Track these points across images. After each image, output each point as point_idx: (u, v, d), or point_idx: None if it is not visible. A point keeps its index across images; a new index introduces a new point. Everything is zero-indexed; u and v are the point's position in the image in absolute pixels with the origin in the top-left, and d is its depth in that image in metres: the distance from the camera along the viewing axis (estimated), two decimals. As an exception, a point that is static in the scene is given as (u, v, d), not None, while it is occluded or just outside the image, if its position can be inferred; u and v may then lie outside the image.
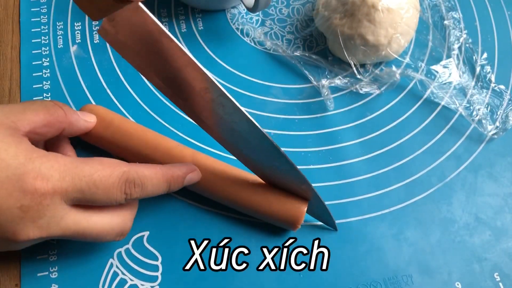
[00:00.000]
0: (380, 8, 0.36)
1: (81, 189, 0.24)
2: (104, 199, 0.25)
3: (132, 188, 0.26)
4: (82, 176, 0.25)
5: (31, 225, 0.24)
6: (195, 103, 0.27)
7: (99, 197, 0.25)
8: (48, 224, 0.24)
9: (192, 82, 0.26)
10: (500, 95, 0.38)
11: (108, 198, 0.25)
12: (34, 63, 0.37)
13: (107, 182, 0.25)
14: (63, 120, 0.28)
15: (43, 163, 0.24)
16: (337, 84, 0.38)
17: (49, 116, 0.27)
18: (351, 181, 0.35)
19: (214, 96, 0.26)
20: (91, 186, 0.25)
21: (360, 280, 0.31)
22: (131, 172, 0.26)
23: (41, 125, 0.27)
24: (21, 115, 0.26)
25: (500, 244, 0.33)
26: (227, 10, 0.42)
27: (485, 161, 0.36)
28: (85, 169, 0.25)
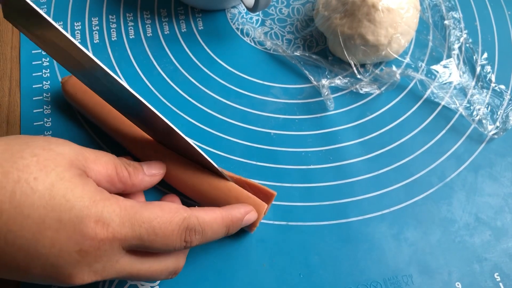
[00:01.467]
0: (380, 8, 0.36)
1: (140, 236, 0.24)
2: (163, 247, 0.25)
3: (192, 235, 0.26)
4: (142, 222, 0.24)
5: (86, 269, 0.23)
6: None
7: (157, 245, 0.24)
8: (103, 268, 0.24)
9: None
10: (501, 95, 0.38)
11: (167, 246, 0.25)
12: (34, 63, 0.37)
13: (166, 229, 0.24)
14: (125, 181, 0.27)
15: (105, 207, 0.23)
16: (337, 84, 0.38)
17: (114, 174, 0.27)
18: (351, 181, 0.35)
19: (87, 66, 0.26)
20: (150, 233, 0.24)
21: (360, 280, 0.31)
22: (191, 218, 0.25)
23: (105, 180, 0.26)
24: (91, 163, 0.25)
25: (500, 244, 0.33)
26: (227, 10, 0.42)
27: (485, 161, 0.36)
28: (144, 214, 0.24)
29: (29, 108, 0.35)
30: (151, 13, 0.41)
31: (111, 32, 0.39)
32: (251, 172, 0.34)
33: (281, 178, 0.34)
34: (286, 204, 0.33)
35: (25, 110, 0.35)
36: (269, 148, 0.35)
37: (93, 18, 0.40)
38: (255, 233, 0.32)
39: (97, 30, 0.39)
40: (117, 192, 0.27)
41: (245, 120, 0.36)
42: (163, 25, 0.40)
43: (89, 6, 0.40)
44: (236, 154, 0.35)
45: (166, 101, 0.37)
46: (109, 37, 0.39)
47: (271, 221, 0.33)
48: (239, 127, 0.36)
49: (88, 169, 0.25)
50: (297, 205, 0.33)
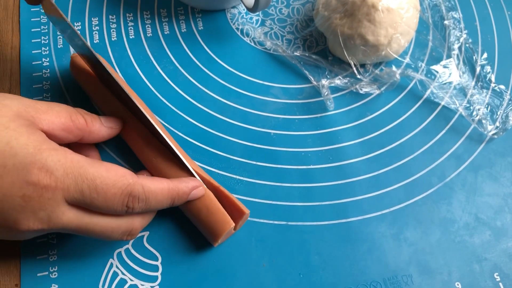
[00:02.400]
0: (380, 8, 0.36)
1: (82, 191, 0.24)
2: (103, 207, 0.25)
3: (135, 202, 0.26)
4: (85, 178, 0.24)
5: (31, 216, 0.24)
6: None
7: (98, 203, 0.25)
8: (49, 217, 0.24)
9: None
10: (500, 95, 0.38)
11: (107, 207, 0.25)
12: (34, 63, 0.37)
13: (108, 191, 0.25)
14: (83, 128, 0.28)
15: (50, 156, 0.24)
16: (337, 84, 0.38)
17: (69, 122, 0.27)
18: (351, 181, 0.35)
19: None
20: (92, 190, 0.24)
21: (360, 280, 0.31)
22: (136, 185, 0.26)
23: (60, 128, 0.27)
24: (42, 113, 0.26)
25: (500, 244, 0.33)
26: (227, 10, 0.42)
27: (485, 161, 0.36)
28: (90, 171, 0.25)
29: (29, 108, 0.35)
30: (151, 13, 0.41)
31: (111, 32, 0.39)
32: (251, 172, 0.34)
33: (281, 178, 0.34)
34: (286, 204, 0.33)
35: (25, 110, 0.35)
36: (269, 148, 0.35)
37: (93, 18, 0.40)
38: (255, 233, 0.32)
39: (97, 30, 0.39)
40: (75, 140, 0.28)
41: (245, 120, 0.36)
42: (163, 25, 0.40)
43: (89, 6, 0.40)
44: (236, 154, 0.35)
45: (166, 101, 0.37)
46: (109, 37, 0.39)
47: (271, 221, 0.33)
48: (239, 127, 0.36)
49: (39, 119, 0.26)
50: (297, 205, 0.33)
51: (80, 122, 0.28)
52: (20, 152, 0.23)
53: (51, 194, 0.24)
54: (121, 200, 0.25)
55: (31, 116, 0.25)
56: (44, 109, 0.26)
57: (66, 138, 0.28)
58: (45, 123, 0.26)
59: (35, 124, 0.25)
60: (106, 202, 0.25)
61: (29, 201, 0.23)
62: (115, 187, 0.25)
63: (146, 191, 0.26)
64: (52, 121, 0.26)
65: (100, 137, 0.30)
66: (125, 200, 0.25)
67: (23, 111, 0.25)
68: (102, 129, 0.30)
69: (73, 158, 0.25)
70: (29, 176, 0.23)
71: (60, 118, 0.27)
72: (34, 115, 0.26)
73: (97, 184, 0.24)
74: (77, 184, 0.24)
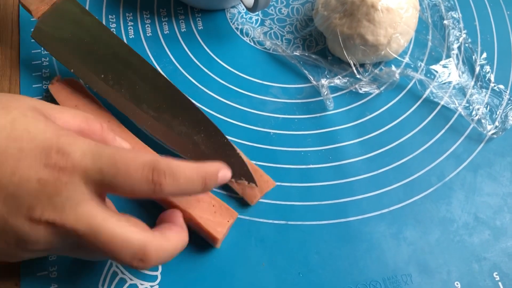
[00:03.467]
0: (379, 7, 0.36)
1: (101, 168, 0.23)
2: (126, 185, 0.23)
3: (161, 176, 0.23)
4: (103, 154, 0.23)
5: (46, 202, 0.22)
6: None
7: (120, 180, 0.23)
8: (63, 205, 0.22)
9: None
10: (500, 95, 0.38)
11: (131, 185, 0.23)
12: (34, 63, 0.37)
13: (129, 165, 0.23)
14: (98, 134, 0.27)
15: (68, 140, 0.23)
16: (337, 84, 0.38)
17: (85, 125, 0.27)
18: (350, 180, 0.35)
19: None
20: (111, 166, 0.23)
21: (360, 280, 0.31)
22: (160, 160, 0.24)
23: (75, 130, 0.26)
24: (57, 112, 0.26)
25: (499, 243, 0.33)
26: (227, 10, 0.42)
27: (485, 161, 0.36)
28: (108, 149, 0.23)
29: (29, 108, 0.35)
30: (150, 13, 0.41)
31: (110, 32, 0.39)
32: (250, 171, 0.34)
33: (280, 177, 0.34)
34: (286, 203, 0.33)
35: (25, 110, 0.35)
36: (268, 147, 0.35)
37: (92, 18, 0.40)
38: (255, 232, 0.32)
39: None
40: None
41: (245, 119, 0.36)
42: (163, 25, 0.40)
43: (89, 7, 0.40)
44: (236, 154, 0.35)
45: (165, 101, 0.37)
46: (109, 37, 0.39)
47: (270, 220, 0.33)
48: (239, 127, 0.36)
49: (54, 117, 0.25)
50: (297, 205, 0.33)
51: (97, 128, 0.27)
52: (38, 136, 0.23)
53: (67, 178, 0.22)
54: (145, 174, 0.23)
55: (47, 112, 0.25)
56: (59, 109, 0.26)
57: None
58: (60, 122, 0.26)
59: (51, 119, 0.25)
60: (129, 177, 0.23)
61: (45, 185, 0.22)
62: (137, 161, 0.23)
63: (172, 166, 0.24)
64: (68, 121, 0.26)
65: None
66: (150, 175, 0.23)
67: (39, 106, 0.25)
68: (115, 142, 0.29)
69: (90, 142, 0.24)
70: (46, 159, 0.22)
71: (76, 120, 0.26)
72: (50, 113, 0.25)
73: (116, 159, 0.23)
74: (95, 162, 0.23)
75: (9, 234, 0.23)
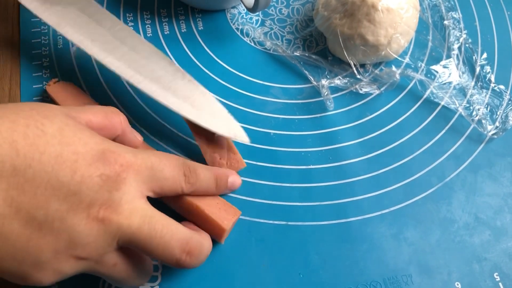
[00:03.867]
0: (380, 8, 0.36)
1: (152, 165, 0.26)
2: (169, 176, 0.27)
3: (188, 171, 0.28)
4: (151, 155, 0.27)
5: (106, 197, 0.24)
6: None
7: (165, 172, 0.27)
8: (120, 200, 0.24)
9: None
10: (500, 95, 0.38)
11: (173, 177, 0.27)
12: (34, 63, 0.37)
13: (170, 161, 0.27)
14: (118, 127, 0.29)
15: (115, 144, 0.25)
16: (337, 84, 0.38)
17: (106, 121, 0.28)
18: (350, 181, 0.35)
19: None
20: (158, 163, 0.26)
21: (360, 280, 0.31)
22: (186, 159, 0.29)
23: (98, 127, 0.27)
24: (81, 113, 0.26)
25: (500, 244, 0.33)
26: (227, 10, 0.42)
27: (485, 161, 0.36)
28: (150, 151, 0.27)
29: (29, 108, 0.35)
30: (151, 14, 0.41)
31: (111, 32, 0.39)
32: (251, 172, 0.34)
33: (280, 178, 0.34)
34: (286, 204, 0.33)
35: (25, 110, 0.35)
36: (269, 148, 0.35)
37: (93, 18, 0.40)
38: (255, 233, 0.32)
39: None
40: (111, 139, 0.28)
41: (245, 120, 0.36)
42: (163, 25, 0.40)
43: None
44: (236, 154, 0.35)
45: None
46: (109, 37, 0.39)
47: (271, 221, 0.33)
48: (239, 127, 0.36)
49: (78, 117, 0.26)
50: (297, 205, 0.33)
51: (116, 121, 0.29)
52: (89, 141, 0.24)
53: (126, 174, 0.25)
54: (181, 168, 0.28)
55: (74, 116, 0.26)
56: (80, 109, 0.27)
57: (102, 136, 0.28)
58: (84, 122, 0.26)
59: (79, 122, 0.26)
60: (172, 170, 0.27)
61: (107, 180, 0.24)
62: (174, 158, 0.28)
63: (194, 164, 0.29)
64: (90, 119, 0.27)
65: (128, 141, 0.30)
66: (182, 169, 0.28)
67: (67, 112, 0.26)
68: (132, 133, 0.31)
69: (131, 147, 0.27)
70: (104, 157, 0.24)
71: (97, 117, 0.27)
72: (75, 115, 0.26)
73: (161, 157, 0.27)
74: (146, 162, 0.26)
75: (62, 235, 0.23)
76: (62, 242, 0.23)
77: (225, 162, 0.33)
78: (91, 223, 0.23)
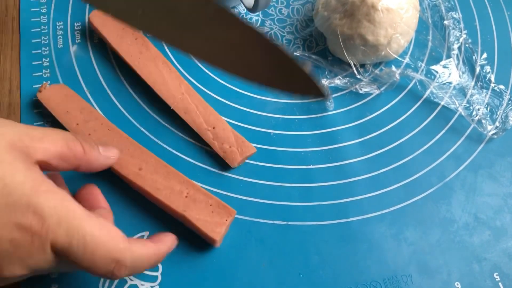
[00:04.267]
0: (379, 8, 0.36)
1: (70, 243, 0.23)
2: (86, 265, 0.23)
3: (120, 269, 0.24)
4: (76, 232, 0.23)
5: (17, 263, 0.22)
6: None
7: (83, 261, 0.23)
8: (35, 265, 0.23)
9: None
10: (500, 95, 0.38)
11: (90, 268, 0.24)
12: (34, 63, 0.37)
13: (96, 251, 0.23)
14: (80, 157, 0.26)
15: (46, 200, 0.22)
16: (337, 84, 0.38)
17: (66, 150, 0.25)
18: (351, 181, 0.35)
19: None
20: (80, 246, 0.23)
21: (360, 280, 0.31)
22: (125, 252, 0.24)
23: (55, 156, 0.25)
24: (37, 142, 0.24)
25: (499, 244, 0.33)
26: (227, 10, 0.42)
27: (485, 161, 0.36)
28: (82, 225, 0.23)
29: (29, 108, 0.35)
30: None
31: (111, 32, 0.39)
32: (251, 172, 0.34)
33: (281, 178, 0.34)
34: (286, 204, 0.33)
35: (25, 110, 0.35)
36: (269, 148, 0.35)
37: (93, 18, 0.40)
38: (255, 233, 0.32)
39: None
40: (71, 168, 0.27)
41: (245, 120, 0.36)
42: (163, 25, 0.40)
43: (89, 7, 0.40)
44: (236, 154, 0.35)
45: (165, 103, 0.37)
46: (109, 37, 0.39)
47: (271, 221, 0.33)
48: (239, 127, 0.36)
49: (33, 148, 0.24)
50: (297, 205, 0.33)
51: (78, 150, 0.26)
52: (15, 191, 0.22)
53: (40, 242, 0.22)
54: (107, 264, 0.24)
55: (26, 146, 0.23)
56: (39, 136, 0.24)
57: (62, 166, 0.26)
58: (40, 152, 0.24)
59: (30, 155, 0.24)
60: (92, 261, 0.23)
61: (18, 247, 0.22)
62: (104, 248, 0.23)
63: (134, 259, 0.25)
64: (48, 149, 0.24)
65: (97, 167, 0.29)
66: (111, 266, 0.24)
67: (17, 140, 0.23)
68: (100, 158, 0.28)
69: (69, 207, 0.23)
70: (22, 219, 0.21)
71: (56, 146, 0.25)
72: (29, 144, 0.24)
73: (86, 241, 0.23)
74: (68, 236, 0.22)
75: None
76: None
77: (236, 149, 0.34)
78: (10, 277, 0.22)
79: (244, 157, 0.34)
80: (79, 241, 0.23)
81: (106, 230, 0.24)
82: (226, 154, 0.34)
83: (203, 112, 0.35)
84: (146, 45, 0.37)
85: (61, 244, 0.22)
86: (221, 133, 0.34)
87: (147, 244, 0.26)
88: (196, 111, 0.35)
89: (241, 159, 0.34)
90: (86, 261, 0.23)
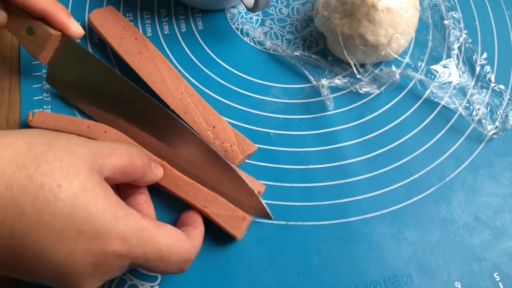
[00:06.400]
0: (380, 7, 0.36)
1: (149, 259, 0.25)
2: (160, 271, 0.26)
3: (188, 264, 0.27)
4: (153, 247, 0.25)
5: (95, 280, 0.24)
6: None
7: (158, 269, 0.26)
8: (110, 277, 0.25)
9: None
10: (500, 95, 0.38)
11: (164, 271, 0.26)
12: (34, 63, 0.37)
13: (171, 259, 0.26)
14: (139, 171, 0.28)
15: (126, 225, 0.24)
16: (337, 84, 0.38)
17: (130, 165, 0.27)
18: (350, 180, 0.35)
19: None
20: (157, 259, 0.25)
21: (360, 280, 0.31)
22: (191, 250, 0.27)
23: (121, 171, 0.26)
24: (107, 159, 0.25)
25: (499, 244, 0.33)
26: (227, 10, 0.42)
27: (485, 161, 0.36)
28: (158, 239, 0.25)
29: (29, 108, 0.35)
30: (151, 13, 0.41)
31: (111, 32, 0.39)
32: (251, 172, 0.34)
33: (281, 178, 0.34)
34: (286, 203, 0.33)
35: (25, 110, 0.35)
36: (269, 148, 0.35)
37: (93, 18, 0.40)
38: (255, 233, 0.32)
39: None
40: (128, 181, 0.28)
41: (245, 120, 0.36)
42: (163, 25, 0.40)
43: (89, 7, 0.40)
44: (236, 154, 0.35)
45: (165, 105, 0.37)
46: (109, 37, 0.39)
47: (271, 221, 0.33)
48: (239, 127, 0.36)
49: (104, 166, 0.25)
50: (297, 205, 0.33)
51: (139, 165, 0.28)
52: (98, 219, 0.23)
53: (121, 262, 0.24)
54: (180, 265, 0.27)
55: (99, 165, 0.25)
56: (107, 153, 0.26)
57: (122, 180, 0.27)
58: (109, 169, 0.25)
59: (102, 173, 0.25)
60: (167, 268, 0.26)
61: (99, 268, 0.23)
62: (177, 254, 0.26)
63: (196, 251, 0.28)
64: (115, 165, 0.26)
65: (148, 182, 0.30)
66: (181, 265, 0.27)
67: (93, 161, 0.24)
68: (152, 174, 0.30)
69: (143, 225, 0.25)
70: (106, 245, 0.23)
71: (122, 161, 0.26)
72: (101, 163, 0.25)
73: (163, 253, 0.25)
74: (146, 253, 0.25)
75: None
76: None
77: (237, 148, 0.34)
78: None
79: (245, 155, 0.34)
80: (156, 255, 0.25)
81: (175, 236, 0.26)
82: (227, 153, 0.34)
83: (202, 111, 0.35)
84: (146, 45, 0.37)
85: (141, 260, 0.25)
86: (221, 132, 0.34)
87: (195, 232, 0.29)
88: (195, 111, 0.35)
89: (242, 157, 0.34)
90: (161, 268, 0.26)
